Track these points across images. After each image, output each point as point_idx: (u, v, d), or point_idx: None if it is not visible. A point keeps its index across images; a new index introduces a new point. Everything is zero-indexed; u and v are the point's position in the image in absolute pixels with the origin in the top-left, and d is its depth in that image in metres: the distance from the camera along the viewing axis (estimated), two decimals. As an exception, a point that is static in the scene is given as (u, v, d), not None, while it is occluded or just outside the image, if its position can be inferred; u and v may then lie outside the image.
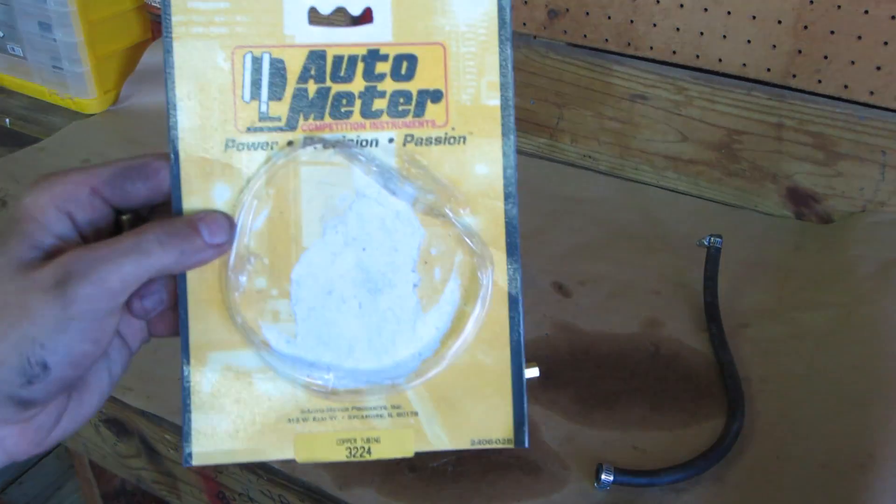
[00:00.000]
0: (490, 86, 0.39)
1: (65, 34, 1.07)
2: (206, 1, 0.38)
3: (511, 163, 0.39)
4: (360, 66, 0.38)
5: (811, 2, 0.82)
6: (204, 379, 0.39)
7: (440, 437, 0.38)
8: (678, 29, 0.90)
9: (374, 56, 0.38)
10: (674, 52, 0.92)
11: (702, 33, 0.89)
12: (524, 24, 0.99)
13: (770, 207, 0.92)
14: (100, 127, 1.09)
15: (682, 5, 0.89)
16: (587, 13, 0.95)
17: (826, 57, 0.84)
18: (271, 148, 0.38)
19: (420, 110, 0.39)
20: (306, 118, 0.39)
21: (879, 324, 0.71)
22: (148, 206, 0.40)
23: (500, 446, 0.38)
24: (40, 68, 1.13)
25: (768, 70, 0.88)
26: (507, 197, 0.39)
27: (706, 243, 0.79)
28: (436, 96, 0.39)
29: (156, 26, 1.14)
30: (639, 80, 0.94)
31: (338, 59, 0.38)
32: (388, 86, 0.39)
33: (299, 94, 0.38)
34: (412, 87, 0.39)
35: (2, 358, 0.34)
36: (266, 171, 0.38)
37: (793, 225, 0.91)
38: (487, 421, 0.38)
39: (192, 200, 0.38)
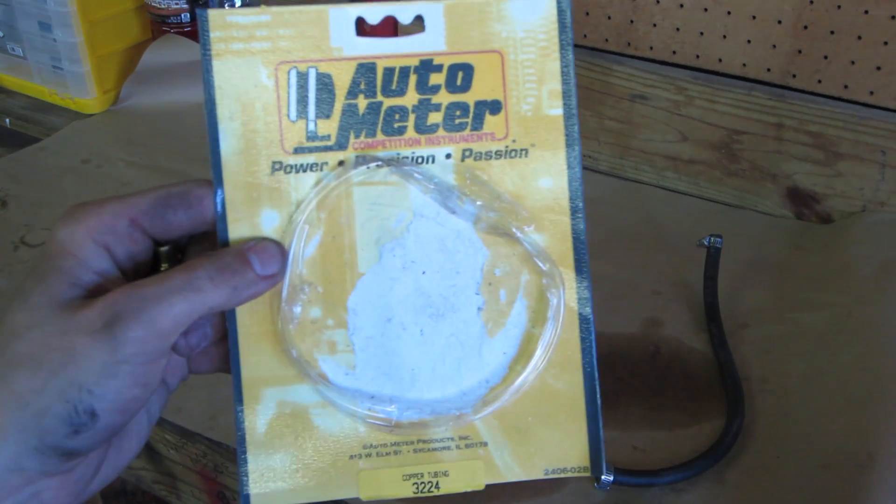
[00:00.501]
0: (552, 94, 0.38)
1: (65, 34, 1.07)
2: (247, 15, 0.35)
3: (577, 175, 0.37)
4: (413, 78, 0.36)
5: (811, 2, 0.82)
6: (259, 417, 0.37)
7: (511, 468, 0.37)
8: (678, 29, 0.90)
9: (427, 67, 0.36)
10: (674, 52, 0.92)
11: (702, 33, 0.89)
12: (524, 24, 0.99)
13: (770, 207, 0.92)
14: (100, 127, 1.09)
15: (682, 5, 0.89)
16: (587, 13, 0.95)
17: (826, 57, 0.84)
18: (321, 169, 0.36)
19: (478, 123, 0.37)
20: (357, 136, 0.36)
21: (879, 324, 0.71)
22: (187, 236, 0.38)
23: (575, 475, 0.37)
24: (40, 68, 1.13)
25: (768, 70, 0.88)
26: (573, 211, 0.37)
27: (706, 243, 0.79)
28: (494, 107, 0.37)
29: (156, 26, 1.14)
30: (639, 80, 0.94)
31: (389, 72, 0.36)
32: (444, 98, 0.37)
33: (349, 111, 0.36)
34: (469, 98, 0.37)
35: (46, 406, 0.32)
36: (317, 194, 0.36)
37: (793, 225, 0.91)
38: (561, 449, 0.37)
39: (238, 229, 0.36)
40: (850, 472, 0.58)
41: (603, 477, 0.60)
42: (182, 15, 1.12)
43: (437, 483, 0.36)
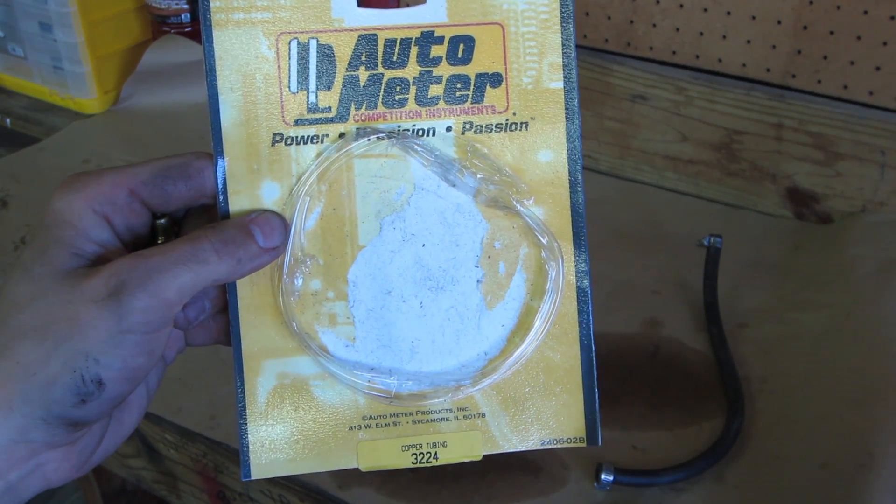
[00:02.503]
0: (552, 67, 0.37)
1: (65, 34, 1.07)
2: None
3: (577, 148, 0.37)
4: (414, 50, 0.36)
5: (811, 2, 0.82)
6: (259, 389, 0.37)
7: (509, 439, 0.37)
8: (678, 29, 0.90)
9: (428, 38, 0.36)
10: (674, 53, 0.92)
11: (701, 33, 0.89)
12: (524, 24, 0.99)
13: (770, 207, 0.92)
14: (100, 127, 1.09)
15: (681, 5, 0.89)
16: (587, 13, 0.95)
17: (825, 57, 0.84)
18: (322, 141, 0.36)
19: (479, 96, 0.37)
20: (358, 108, 0.36)
21: (879, 324, 0.71)
22: (185, 209, 0.38)
23: (571, 445, 0.37)
24: (41, 68, 1.13)
25: (768, 70, 0.88)
26: (573, 185, 0.37)
27: (706, 243, 0.80)
28: (495, 80, 0.37)
29: (156, 26, 1.14)
30: (639, 80, 0.94)
31: (390, 43, 0.36)
32: (445, 70, 0.36)
33: (350, 83, 0.36)
34: (470, 70, 0.36)
35: (52, 376, 0.32)
36: (317, 166, 0.36)
37: (793, 225, 0.91)
38: (558, 420, 0.37)
39: (238, 201, 0.36)
40: (850, 472, 0.58)
41: (603, 477, 0.60)
42: (182, 15, 1.12)
43: (435, 454, 0.36)
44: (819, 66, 0.85)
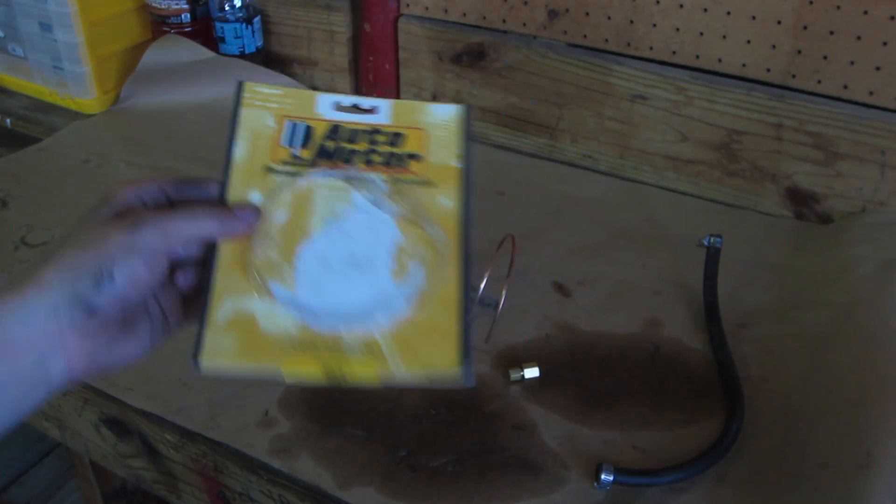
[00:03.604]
0: (456, 156, 0.54)
1: (65, 34, 1.07)
2: (268, 88, 0.55)
3: (469, 200, 0.52)
4: (366, 136, 0.54)
5: (811, 2, 0.82)
6: (220, 313, 0.49)
7: (401, 372, 0.47)
8: (678, 29, 0.90)
9: (376, 132, 0.54)
10: (673, 53, 0.92)
11: (702, 33, 0.89)
12: (524, 24, 0.99)
13: (770, 207, 0.92)
14: (100, 127, 1.09)
15: (681, 5, 0.89)
16: (587, 13, 0.95)
17: (826, 57, 0.84)
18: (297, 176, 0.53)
19: (405, 165, 0.53)
20: (324, 161, 0.53)
21: (879, 324, 0.71)
22: None
23: (447, 373, 0.47)
24: (41, 68, 1.13)
25: (768, 70, 0.88)
26: (464, 221, 0.52)
27: (706, 243, 0.80)
28: (416, 158, 0.54)
29: (156, 26, 1.14)
30: (639, 80, 0.94)
31: (351, 131, 0.54)
32: (384, 149, 0.54)
33: (322, 148, 0.54)
34: (400, 150, 0.54)
35: (80, 268, 0.46)
36: (290, 185, 0.52)
37: (793, 225, 0.91)
38: (439, 360, 0.48)
39: (233, 198, 0.52)
40: (849, 472, 0.58)
41: (603, 477, 0.60)
42: (182, 15, 1.12)
43: (344, 377, 0.47)
44: (819, 66, 0.85)
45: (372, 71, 1.12)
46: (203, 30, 1.14)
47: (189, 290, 0.50)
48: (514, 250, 0.73)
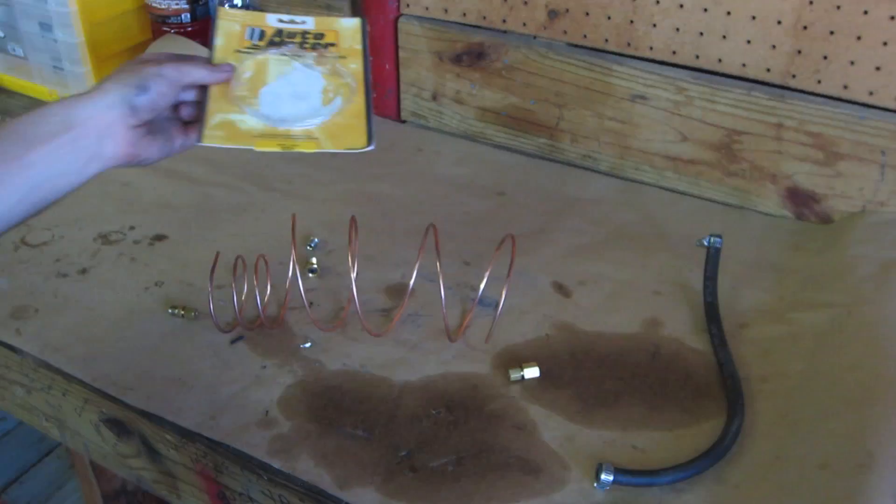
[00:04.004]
0: (359, 42, 0.80)
1: (65, 34, 1.07)
2: (234, 10, 0.82)
3: (366, 65, 0.78)
4: (299, 34, 0.80)
5: (811, 2, 0.82)
6: (213, 119, 0.71)
7: (329, 147, 0.71)
8: (678, 29, 0.90)
9: (306, 33, 0.80)
10: (674, 53, 0.92)
11: (702, 33, 0.89)
12: (524, 24, 0.99)
13: (770, 207, 0.92)
14: (100, 127, 1.09)
15: (682, 5, 0.89)
16: (587, 13, 0.95)
17: (826, 57, 0.84)
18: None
19: (326, 49, 0.79)
20: (272, 47, 0.78)
21: (879, 324, 0.71)
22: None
23: (360, 150, 0.71)
24: (41, 68, 1.13)
25: (768, 70, 0.88)
26: (364, 73, 0.77)
27: (706, 243, 0.80)
28: (333, 45, 0.79)
29: (156, 26, 1.14)
30: (639, 80, 0.94)
31: (290, 32, 0.80)
32: (311, 41, 0.79)
33: (271, 41, 0.79)
34: (322, 43, 0.79)
35: (129, 80, 0.66)
36: (253, 57, 0.76)
37: (793, 225, 0.91)
38: (354, 142, 0.72)
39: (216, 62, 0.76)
40: (850, 472, 0.58)
41: (603, 477, 0.60)
42: (182, 15, 1.12)
43: (292, 148, 0.70)
44: (819, 66, 0.85)
45: (372, 71, 1.11)
46: (203, 30, 1.14)
47: (189, 117, 0.72)
48: (514, 250, 0.73)
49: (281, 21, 0.81)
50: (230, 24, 0.79)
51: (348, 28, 0.81)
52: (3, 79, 1.19)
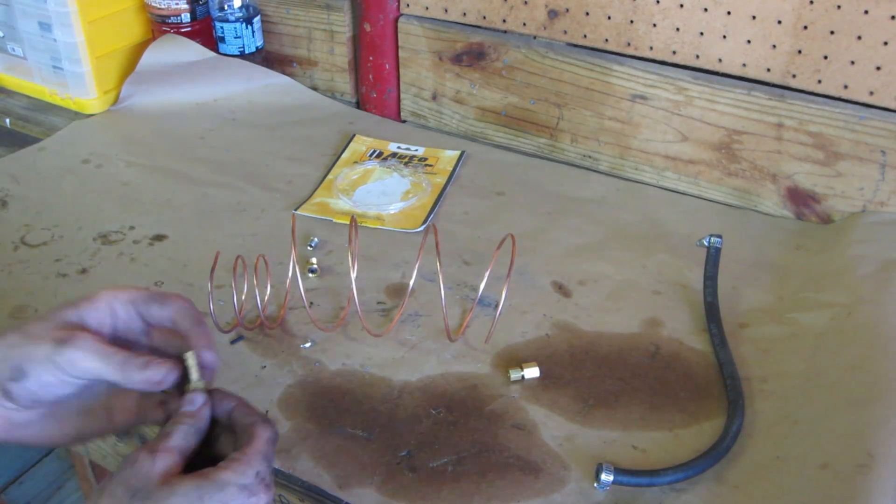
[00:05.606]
0: (450, 165, 1.01)
1: (65, 34, 1.07)
2: (366, 137, 1.07)
3: (449, 180, 0.96)
4: (407, 156, 1.02)
5: (811, 2, 0.82)
6: (315, 199, 0.93)
7: (389, 225, 0.89)
8: (678, 29, 0.90)
9: (413, 155, 1.02)
10: (674, 53, 0.92)
11: (702, 33, 0.89)
12: (524, 24, 0.99)
13: (770, 207, 0.92)
14: (100, 127, 1.09)
15: (682, 5, 0.89)
16: (587, 13, 0.95)
17: (826, 57, 0.84)
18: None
19: (423, 166, 0.98)
20: (381, 160, 1.01)
21: (879, 324, 0.71)
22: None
23: (411, 230, 0.87)
24: (40, 68, 1.13)
25: (768, 70, 0.88)
26: (444, 185, 0.95)
27: (706, 243, 0.80)
28: (430, 165, 0.99)
29: (156, 26, 1.14)
30: (639, 80, 0.94)
31: (402, 155, 1.03)
32: (415, 161, 1.01)
33: (383, 158, 1.03)
34: (422, 163, 1.00)
35: (6, 358, 0.52)
36: (363, 166, 1.00)
37: (793, 225, 0.91)
38: (409, 224, 0.89)
39: (336, 174, 1.00)
40: (850, 472, 0.58)
41: (603, 477, 0.60)
42: (182, 15, 1.12)
43: (361, 223, 0.87)
44: (819, 66, 0.85)
45: (372, 71, 1.12)
46: (203, 30, 1.14)
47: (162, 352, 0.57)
48: (514, 250, 0.73)
49: (399, 147, 1.03)
50: (359, 146, 1.03)
51: (448, 156, 1.01)
52: (2, 78, 1.19)
